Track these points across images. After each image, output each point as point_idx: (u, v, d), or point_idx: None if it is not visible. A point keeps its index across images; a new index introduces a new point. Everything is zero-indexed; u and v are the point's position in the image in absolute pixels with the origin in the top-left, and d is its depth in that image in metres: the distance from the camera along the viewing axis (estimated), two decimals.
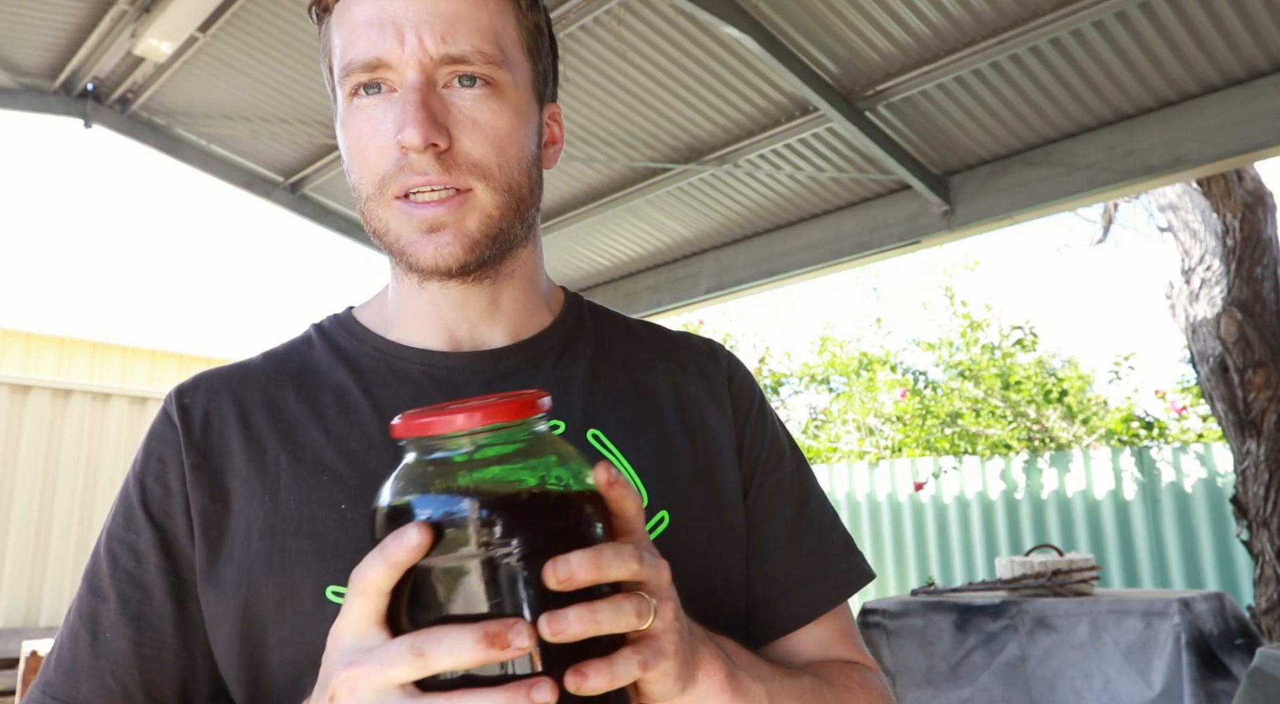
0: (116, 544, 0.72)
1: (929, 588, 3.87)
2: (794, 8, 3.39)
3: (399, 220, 0.71)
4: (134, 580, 0.70)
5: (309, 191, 5.25)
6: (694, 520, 0.76)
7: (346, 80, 0.71)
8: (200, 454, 0.73)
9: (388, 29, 0.69)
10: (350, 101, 0.72)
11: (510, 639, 0.46)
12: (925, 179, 4.03)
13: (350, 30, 0.71)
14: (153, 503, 0.72)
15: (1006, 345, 9.35)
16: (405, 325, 0.80)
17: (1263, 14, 3.07)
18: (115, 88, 4.57)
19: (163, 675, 0.70)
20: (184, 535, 0.71)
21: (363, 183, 0.72)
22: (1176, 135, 3.48)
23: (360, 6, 0.71)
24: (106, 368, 10.91)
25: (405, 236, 0.71)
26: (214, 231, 38.23)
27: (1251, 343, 4.79)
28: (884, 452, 9.34)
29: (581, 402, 0.79)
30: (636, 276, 5.46)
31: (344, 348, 0.80)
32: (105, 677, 0.69)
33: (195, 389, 0.77)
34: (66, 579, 6.81)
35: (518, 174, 0.73)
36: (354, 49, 0.71)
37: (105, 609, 0.70)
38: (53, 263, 26.60)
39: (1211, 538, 6.39)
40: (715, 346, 0.89)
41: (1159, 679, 3.09)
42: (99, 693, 0.69)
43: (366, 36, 0.70)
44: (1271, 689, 2.52)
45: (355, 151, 0.72)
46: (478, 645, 0.46)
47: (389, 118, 0.70)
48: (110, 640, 0.69)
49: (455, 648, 0.46)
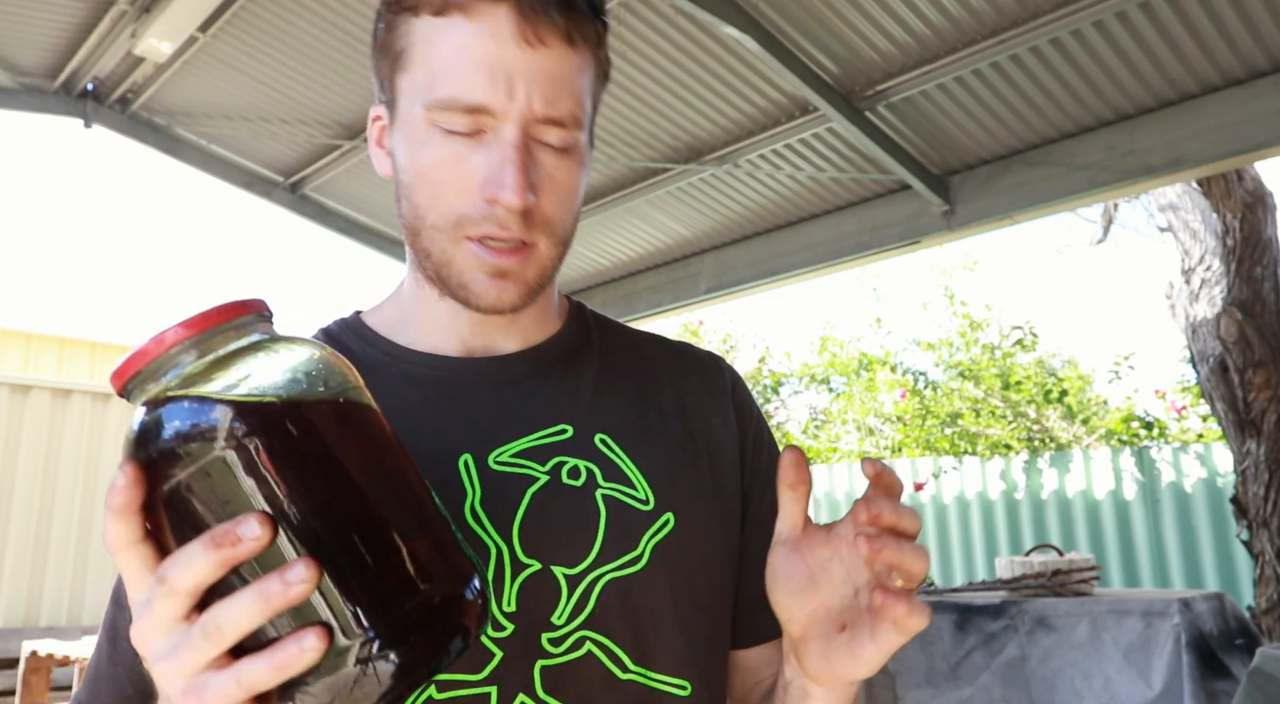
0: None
1: (929, 588, 3.87)
2: (794, 8, 3.39)
3: (466, 259, 0.72)
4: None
5: (309, 191, 5.25)
6: (698, 523, 0.78)
7: (438, 113, 0.70)
8: None
9: (499, 78, 0.68)
10: (430, 127, 0.71)
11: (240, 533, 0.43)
12: (925, 179, 4.03)
13: (451, 60, 0.69)
14: None
15: (1006, 345, 9.35)
16: (420, 330, 0.80)
17: (1263, 14, 3.07)
18: (115, 88, 4.57)
19: None
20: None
21: (432, 212, 0.72)
22: (1176, 135, 3.48)
23: (468, 40, 0.69)
24: (106, 368, 10.91)
25: (469, 275, 0.72)
26: (214, 231, 38.23)
27: (1251, 343, 4.79)
28: (884, 452, 9.34)
29: (589, 406, 0.80)
30: (636, 276, 5.46)
31: (353, 351, 0.80)
32: (122, 683, 0.71)
33: None
34: (66, 579, 6.81)
35: (573, 224, 0.76)
36: (455, 85, 0.69)
37: (122, 617, 0.72)
38: (53, 263, 26.61)
39: (1211, 538, 6.39)
40: (718, 359, 0.91)
41: (1159, 679, 3.09)
42: (116, 698, 0.71)
43: (474, 78, 0.68)
44: (1271, 689, 2.52)
45: (428, 180, 0.72)
46: (206, 551, 0.44)
47: (478, 161, 0.70)
48: (126, 648, 0.70)
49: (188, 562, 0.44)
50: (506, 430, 0.76)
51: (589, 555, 0.72)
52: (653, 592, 0.74)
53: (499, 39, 0.68)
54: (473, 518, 0.71)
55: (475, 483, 0.72)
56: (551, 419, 0.77)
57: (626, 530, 0.74)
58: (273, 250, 37.52)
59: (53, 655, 4.76)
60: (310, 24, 3.93)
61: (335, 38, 3.98)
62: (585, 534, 0.73)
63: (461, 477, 0.72)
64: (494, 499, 0.72)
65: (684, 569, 0.76)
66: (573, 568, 0.72)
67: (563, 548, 0.72)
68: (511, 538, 0.71)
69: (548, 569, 0.71)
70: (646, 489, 0.77)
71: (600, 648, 0.71)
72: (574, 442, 0.77)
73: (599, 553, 0.73)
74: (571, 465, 0.75)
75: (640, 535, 0.75)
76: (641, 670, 0.72)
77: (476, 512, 0.71)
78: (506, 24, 0.68)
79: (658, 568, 0.74)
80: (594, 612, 0.71)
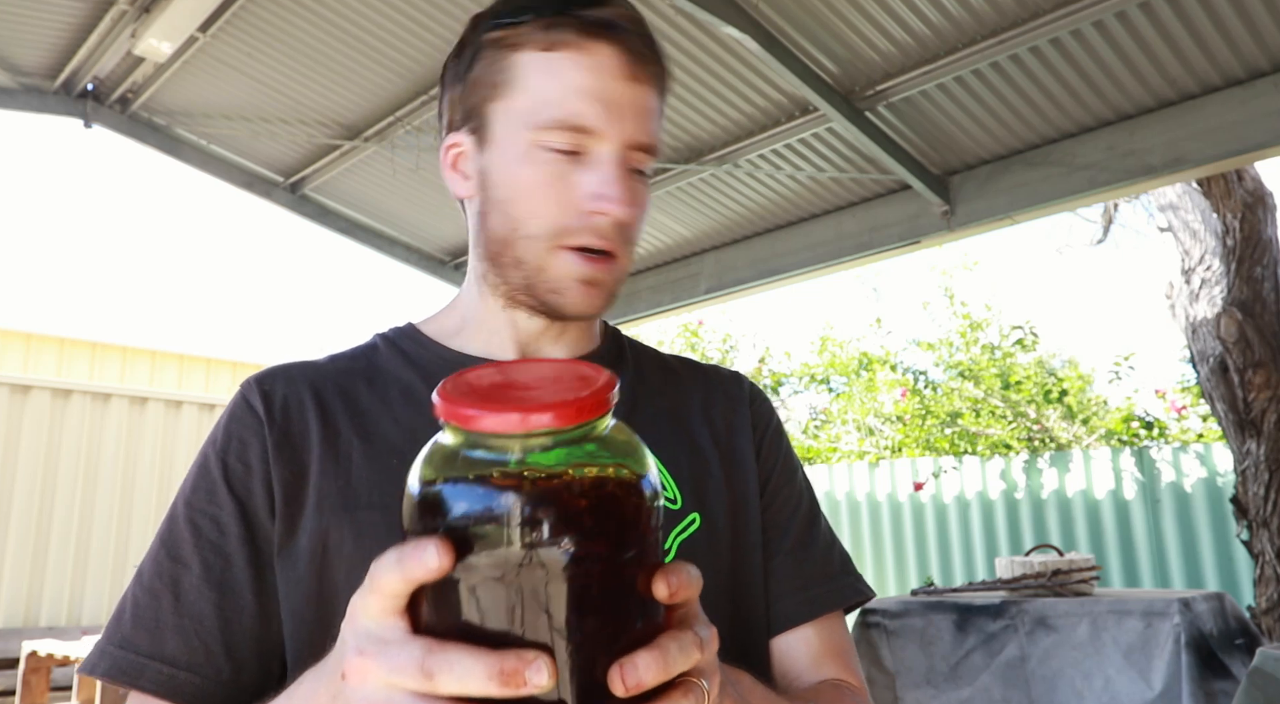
0: (199, 515, 0.77)
1: (929, 588, 3.87)
2: (794, 8, 3.39)
3: (562, 267, 0.79)
4: (217, 548, 0.76)
5: (309, 191, 5.25)
6: (721, 524, 0.84)
7: (545, 134, 0.77)
8: (281, 433, 0.79)
9: (605, 106, 0.77)
10: (534, 147, 0.78)
11: (528, 678, 0.42)
12: (925, 179, 4.03)
13: (563, 91, 0.77)
14: (234, 479, 0.78)
15: (1006, 345, 9.35)
16: (475, 337, 0.87)
17: (1263, 14, 3.08)
18: (115, 88, 4.57)
19: (242, 637, 0.75)
20: (263, 510, 0.77)
21: (531, 223, 0.79)
22: (1176, 135, 3.48)
23: (578, 74, 0.77)
24: (106, 368, 10.91)
25: (564, 283, 0.79)
26: (214, 231, 38.23)
27: (1251, 343, 4.79)
28: (884, 452, 9.34)
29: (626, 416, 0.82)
30: (636, 277, 5.46)
31: (409, 353, 0.87)
32: (189, 635, 0.74)
33: (273, 378, 0.83)
34: (66, 579, 6.82)
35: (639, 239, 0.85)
36: (565, 111, 0.77)
37: (188, 574, 0.75)
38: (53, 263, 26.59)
39: (1211, 538, 6.39)
40: (739, 375, 0.99)
41: (1159, 679, 3.09)
42: (183, 649, 0.73)
43: (583, 105, 0.77)
44: (1271, 689, 2.52)
45: (530, 194, 0.78)
46: (490, 681, 0.42)
47: (580, 178, 0.78)
48: (194, 602, 0.74)
49: (464, 677, 0.43)
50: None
51: None
52: None
53: (606, 73, 0.78)
54: None
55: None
56: None
57: None
58: (273, 250, 37.52)
59: (53, 655, 4.76)
60: (310, 24, 3.93)
61: (335, 38, 3.98)
62: None
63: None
64: None
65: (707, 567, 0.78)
66: None
67: None
68: None
69: None
70: (675, 490, 0.82)
71: None
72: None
73: None
74: None
75: (668, 533, 0.80)
76: None
77: None
78: (613, 61, 0.78)
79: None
80: None
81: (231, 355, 11.57)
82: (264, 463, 0.78)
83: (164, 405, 7.56)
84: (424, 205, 5.26)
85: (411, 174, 4.85)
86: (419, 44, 3.95)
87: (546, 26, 0.78)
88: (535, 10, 0.79)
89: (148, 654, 0.73)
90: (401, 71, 4.13)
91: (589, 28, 0.77)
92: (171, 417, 7.56)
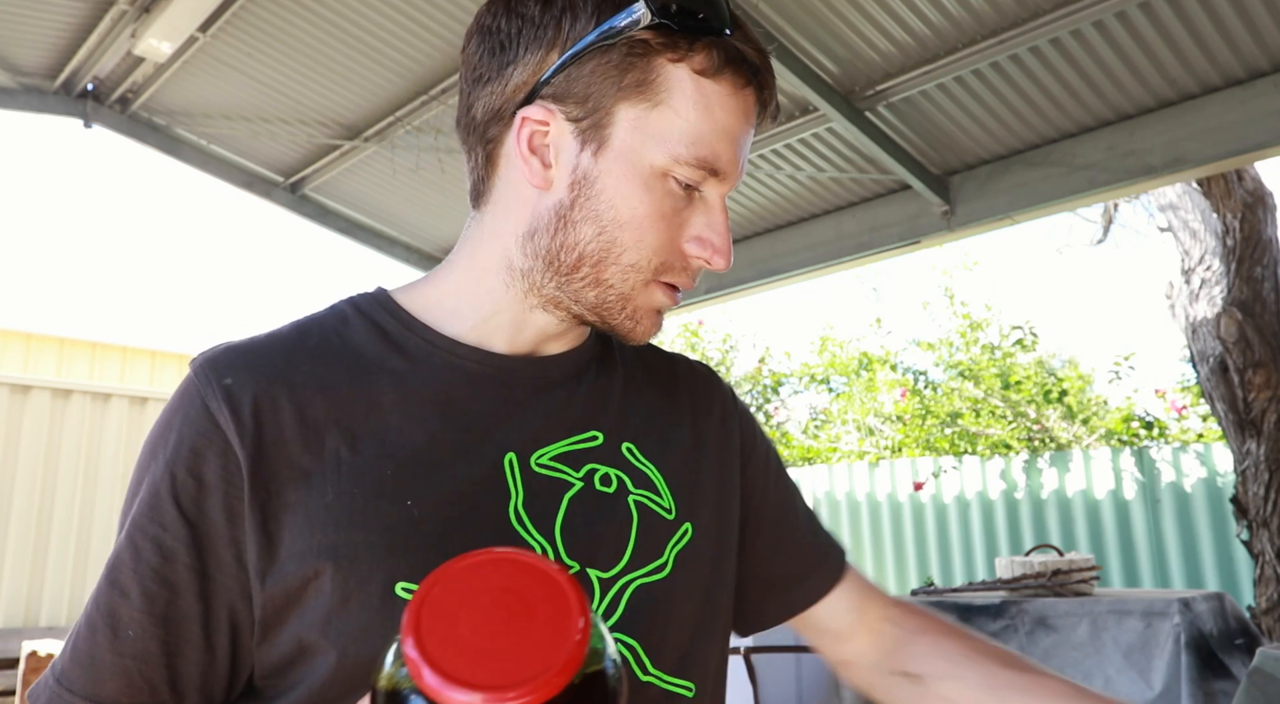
0: (140, 536, 0.68)
1: (929, 588, 3.87)
2: (794, 8, 3.39)
3: (651, 299, 0.77)
4: (160, 578, 0.67)
5: (309, 191, 5.25)
6: (711, 532, 0.84)
7: (682, 168, 0.73)
8: (254, 445, 0.68)
9: (737, 150, 0.75)
10: (663, 177, 0.73)
11: None
12: (925, 179, 4.03)
13: (713, 127, 0.73)
14: (184, 496, 0.68)
15: (1006, 345, 9.35)
16: (472, 324, 0.79)
17: (1263, 14, 3.07)
18: (115, 88, 4.57)
19: (186, 671, 0.68)
20: (218, 532, 0.67)
21: (634, 251, 0.74)
22: (1176, 135, 3.48)
23: (727, 113, 0.74)
24: (106, 368, 10.91)
25: (645, 312, 0.77)
26: (214, 231, 38.22)
27: (1251, 343, 4.79)
28: (884, 452, 9.34)
29: (617, 415, 0.83)
30: None
31: (390, 333, 0.77)
32: (132, 675, 0.67)
33: (235, 369, 0.71)
34: (66, 579, 6.82)
35: None
36: (711, 149, 0.73)
37: (126, 606, 0.67)
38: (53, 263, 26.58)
39: (1211, 538, 6.39)
40: (710, 369, 0.98)
41: (1159, 679, 3.09)
42: (124, 689, 0.67)
43: (725, 149, 0.74)
44: (1271, 689, 2.52)
45: (644, 223, 0.73)
46: None
47: (692, 218, 0.75)
48: (133, 639, 0.67)
49: None
50: (547, 432, 0.78)
51: (621, 561, 0.76)
52: (674, 598, 0.78)
53: (745, 118, 0.75)
54: (516, 520, 0.73)
55: (519, 484, 0.74)
56: (586, 424, 0.80)
57: (653, 538, 0.78)
58: (273, 250, 37.52)
59: (52, 655, 4.76)
60: (310, 24, 3.93)
61: (335, 38, 3.98)
62: (619, 540, 0.76)
63: (506, 476, 0.74)
64: (534, 502, 0.74)
65: (700, 577, 0.81)
66: (606, 572, 0.75)
67: (599, 552, 0.75)
68: (555, 541, 0.73)
69: (584, 572, 0.74)
70: (670, 498, 0.81)
71: (627, 649, 0.74)
72: (604, 449, 0.80)
73: (630, 559, 0.76)
74: (603, 473, 0.79)
75: (665, 543, 0.79)
76: (658, 673, 0.76)
77: (520, 514, 0.73)
78: (752, 107, 0.76)
79: (679, 576, 0.78)
80: (623, 615, 0.74)
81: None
82: (224, 481, 0.68)
83: (164, 405, 7.55)
84: (424, 205, 5.26)
85: (411, 174, 4.85)
86: (419, 44, 3.94)
87: (709, 47, 0.72)
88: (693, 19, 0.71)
89: (83, 694, 0.67)
90: (401, 71, 4.13)
91: (744, 66, 0.74)
92: None
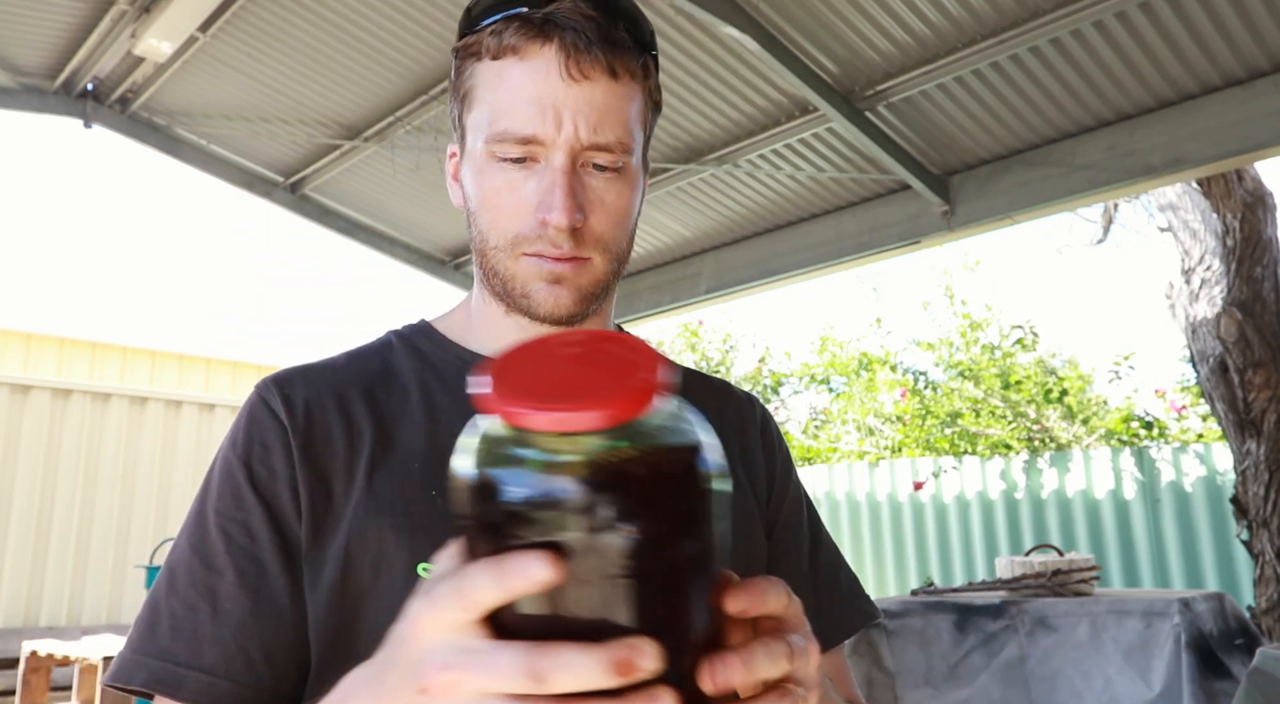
0: (228, 522, 0.77)
1: (929, 588, 3.87)
2: (794, 8, 3.39)
3: (526, 270, 0.79)
4: (249, 555, 0.76)
5: (309, 191, 5.25)
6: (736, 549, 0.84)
7: (495, 145, 0.77)
8: (305, 438, 0.78)
9: (548, 112, 0.75)
10: (489, 158, 0.78)
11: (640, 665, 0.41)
12: (925, 179, 4.03)
13: (508, 99, 0.76)
14: (260, 483, 0.77)
15: (1006, 345, 9.35)
16: (485, 338, 0.86)
17: (1263, 14, 3.08)
18: (115, 88, 4.57)
19: (279, 642, 0.75)
20: (290, 514, 0.77)
21: (492, 234, 0.80)
22: (1176, 135, 3.48)
23: (521, 79, 0.76)
24: (106, 368, 10.91)
25: (530, 284, 0.79)
26: (214, 231, 38.21)
27: (1251, 343, 4.79)
28: (884, 452, 9.34)
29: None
30: (636, 277, 5.46)
31: (426, 353, 0.87)
32: (228, 644, 0.73)
33: (291, 381, 0.83)
34: (66, 579, 6.82)
35: (626, 243, 0.84)
36: (509, 120, 0.76)
37: (223, 582, 0.75)
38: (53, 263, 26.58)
39: (1211, 538, 6.39)
40: (753, 397, 0.98)
41: (1159, 679, 3.09)
42: (222, 658, 0.73)
43: (525, 113, 0.76)
44: (1271, 689, 2.52)
45: (488, 205, 0.79)
46: (604, 673, 0.40)
47: (530, 187, 0.77)
48: (231, 611, 0.74)
49: (579, 674, 0.41)
50: None
51: None
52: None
53: (547, 76, 0.75)
54: None
55: None
56: None
57: None
58: (273, 250, 37.50)
59: (53, 655, 4.76)
60: (310, 24, 3.93)
61: (335, 38, 3.98)
62: None
63: None
64: None
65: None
66: None
67: None
68: None
69: None
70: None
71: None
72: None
73: None
74: None
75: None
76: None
77: None
78: (553, 62, 0.75)
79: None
80: None
81: (231, 355, 11.56)
82: (289, 467, 0.78)
83: (164, 405, 7.56)
84: (424, 205, 5.26)
85: (411, 174, 4.85)
86: (419, 44, 3.95)
87: (495, 32, 0.77)
88: (487, 13, 0.78)
89: (186, 664, 0.73)
90: (401, 71, 4.13)
91: (530, 29, 0.75)
92: (171, 417, 7.56)
